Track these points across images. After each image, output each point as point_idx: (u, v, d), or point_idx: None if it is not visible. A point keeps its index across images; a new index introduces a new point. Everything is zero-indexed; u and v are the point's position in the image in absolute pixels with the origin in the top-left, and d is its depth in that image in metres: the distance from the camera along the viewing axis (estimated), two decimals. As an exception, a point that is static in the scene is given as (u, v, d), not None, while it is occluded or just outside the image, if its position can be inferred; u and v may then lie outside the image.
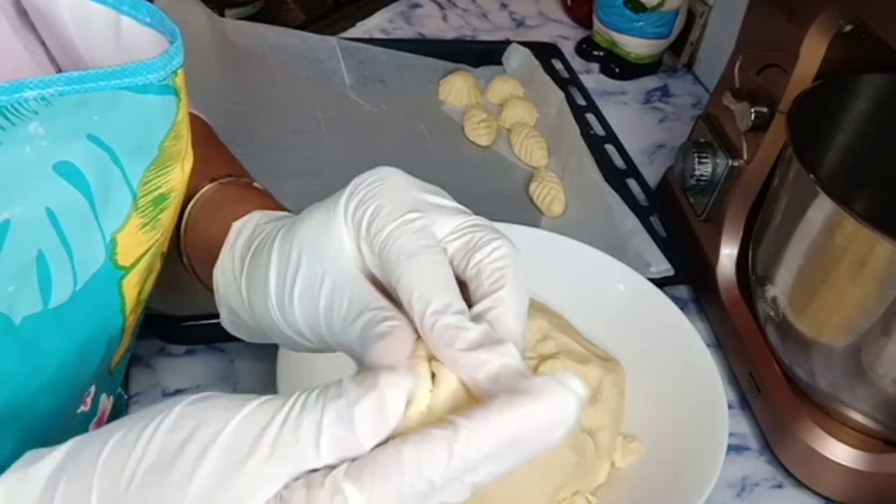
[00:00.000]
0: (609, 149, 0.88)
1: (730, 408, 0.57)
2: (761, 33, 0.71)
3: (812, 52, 0.64)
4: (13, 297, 0.33)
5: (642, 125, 0.98)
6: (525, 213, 0.81)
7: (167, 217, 0.40)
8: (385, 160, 0.91)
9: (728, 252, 0.73)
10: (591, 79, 1.04)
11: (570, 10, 1.15)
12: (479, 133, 0.88)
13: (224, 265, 0.42)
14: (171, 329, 0.62)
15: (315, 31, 0.95)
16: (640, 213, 0.79)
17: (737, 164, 0.71)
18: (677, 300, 0.64)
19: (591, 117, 0.91)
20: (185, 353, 0.64)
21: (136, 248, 0.38)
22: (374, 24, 1.06)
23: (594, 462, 0.53)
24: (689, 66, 1.07)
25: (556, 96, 0.90)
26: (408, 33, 1.06)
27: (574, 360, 0.56)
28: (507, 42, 1.00)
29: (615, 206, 0.78)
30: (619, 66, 1.04)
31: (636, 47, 1.02)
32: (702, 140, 0.75)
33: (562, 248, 0.64)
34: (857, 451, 0.60)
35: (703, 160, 0.73)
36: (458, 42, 1.06)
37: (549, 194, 0.81)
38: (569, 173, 0.83)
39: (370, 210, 0.34)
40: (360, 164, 0.97)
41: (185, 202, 0.46)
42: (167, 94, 0.35)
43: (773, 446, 0.65)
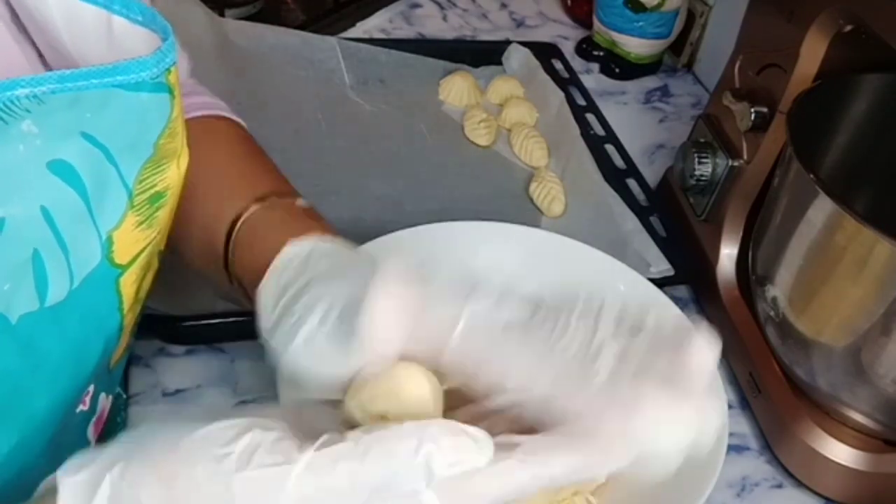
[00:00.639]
0: (609, 149, 0.88)
1: (730, 408, 0.57)
2: (761, 33, 0.71)
3: (812, 52, 0.64)
4: (9, 296, 0.33)
5: (642, 125, 0.98)
6: (525, 213, 0.81)
7: (164, 215, 0.40)
8: (385, 160, 0.91)
9: (728, 252, 0.73)
10: (591, 79, 1.04)
11: (570, 10, 1.15)
12: (479, 133, 0.88)
13: (267, 290, 0.43)
14: (171, 329, 0.62)
15: (315, 31, 0.95)
16: (640, 213, 0.79)
17: (737, 164, 0.71)
18: (677, 300, 0.64)
19: (591, 117, 0.91)
20: (185, 353, 0.64)
21: (133, 246, 0.38)
22: (374, 24, 1.06)
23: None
24: (689, 66, 1.07)
25: (556, 96, 0.90)
26: (408, 33, 1.06)
27: (574, 360, 0.56)
28: (507, 42, 1.00)
29: (615, 206, 0.78)
30: (619, 66, 1.04)
31: (636, 47, 1.02)
32: (702, 140, 0.75)
33: (562, 248, 0.64)
34: (857, 451, 0.60)
35: (703, 160, 0.73)
36: (458, 42, 1.06)
37: (549, 194, 0.81)
38: (569, 173, 0.83)
39: None
40: (360, 164, 0.97)
41: (232, 223, 0.47)
42: (161, 91, 0.35)
43: (773, 446, 0.65)
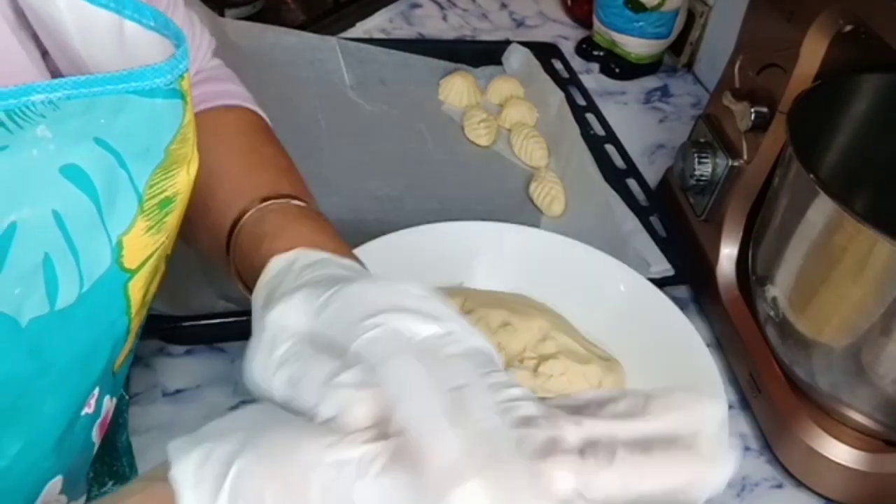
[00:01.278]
0: (609, 149, 0.88)
1: (730, 408, 0.57)
2: (761, 33, 0.71)
3: (812, 52, 0.64)
4: (20, 300, 0.33)
5: (642, 125, 0.98)
6: (525, 213, 0.81)
7: (173, 220, 0.40)
8: (385, 160, 0.91)
9: (728, 252, 0.73)
10: (591, 79, 1.04)
11: (570, 10, 1.15)
12: (479, 133, 0.88)
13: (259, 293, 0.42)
14: (171, 329, 0.62)
15: (315, 31, 0.95)
16: (640, 213, 0.79)
17: (737, 164, 0.71)
18: (677, 300, 0.64)
19: (591, 117, 0.91)
20: (185, 353, 0.64)
21: (142, 250, 0.38)
22: (374, 24, 1.06)
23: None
24: (689, 66, 1.07)
25: (556, 96, 0.90)
26: (408, 33, 1.06)
27: (574, 360, 0.56)
28: (507, 42, 1.00)
29: (615, 206, 0.78)
30: (619, 66, 1.04)
31: (636, 47, 1.02)
32: (702, 140, 0.75)
33: (562, 248, 0.64)
34: (857, 451, 0.60)
35: (703, 160, 0.73)
36: (458, 42, 1.06)
37: (549, 194, 0.81)
38: (569, 173, 0.83)
39: None
40: (360, 164, 0.97)
41: (232, 227, 0.46)
42: (174, 97, 0.36)
43: (773, 446, 0.65)
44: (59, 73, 0.38)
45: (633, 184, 0.84)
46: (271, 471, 0.30)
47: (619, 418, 0.32)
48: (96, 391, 0.41)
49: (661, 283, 0.66)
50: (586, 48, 1.07)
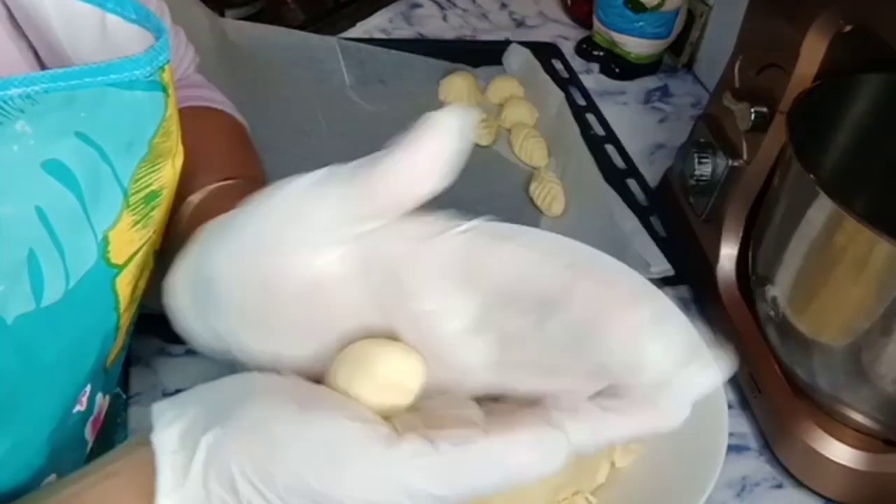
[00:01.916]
0: (609, 149, 0.88)
1: (730, 408, 0.57)
2: (761, 33, 0.71)
3: (812, 52, 0.64)
4: (5, 297, 0.33)
5: (642, 125, 0.98)
6: (525, 213, 0.81)
7: (159, 214, 0.39)
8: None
9: (728, 252, 0.73)
10: (591, 79, 1.04)
11: (570, 10, 1.15)
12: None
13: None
14: (171, 329, 0.62)
15: (315, 31, 0.95)
16: (640, 213, 0.79)
17: (737, 164, 0.71)
18: (677, 300, 0.64)
19: (591, 117, 0.91)
20: (185, 353, 0.64)
21: (129, 245, 0.38)
22: (374, 24, 1.06)
23: (594, 462, 0.53)
24: (689, 66, 1.07)
25: (556, 96, 0.90)
26: (408, 33, 1.06)
27: (574, 360, 0.56)
28: (507, 42, 1.00)
29: (615, 206, 0.78)
30: (619, 66, 1.04)
31: (636, 47, 1.02)
32: (702, 140, 0.75)
33: (562, 248, 0.64)
34: (857, 451, 0.60)
35: (703, 160, 0.73)
36: (458, 42, 1.06)
37: (549, 194, 0.81)
38: (569, 173, 0.83)
39: None
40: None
41: (189, 190, 0.46)
42: (155, 90, 0.35)
43: (773, 446, 0.65)
44: (49, 68, 0.38)
45: (633, 184, 0.84)
46: (241, 444, 0.31)
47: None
48: (88, 388, 0.41)
49: (661, 283, 0.66)
50: (586, 48, 1.07)
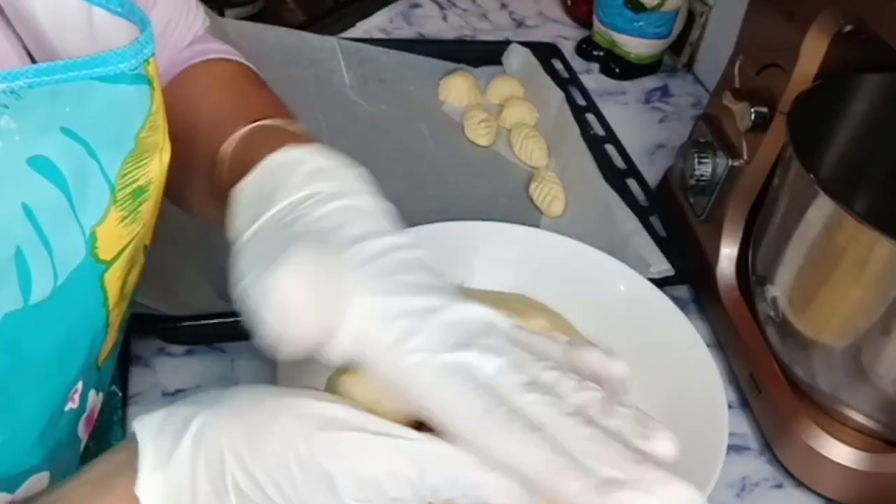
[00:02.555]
0: (609, 149, 0.88)
1: (730, 408, 0.57)
2: (761, 33, 0.71)
3: (812, 52, 0.64)
4: None
5: (642, 125, 0.98)
6: (525, 213, 0.81)
7: (147, 209, 0.39)
8: (385, 160, 0.91)
9: (728, 252, 0.73)
10: (591, 79, 1.04)
11: (570, 10, 1.15)
12: (479, 133, 0.88)
13: (248, 189, 0.39)
14: (171, 329, 0.62)
15: (315, 31, 0.95)
16: (640, 213, 0.79)
17: (737, 164, 0.71)
18: (677, 300, 0.64)
19: (591, 117, 0.91)
20: (185, 353, 0.64)
21: (117, 241, 0.38)
22: (374, 24, 1.06)
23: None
24: (689, 66, 1.07)
25: (556, 96, 0.90)
26: (408, 33, 1.06)
27: (574, 360, 0.56)
28: (507, 42, 1.00)
29: (615, 206, 0.78)
30: (619, 66, 1.04)
31: (636, 47, 1.02)
32: (702, 140, 0.75)
33: (562, 248, 0.64)
34: (857, 451, 0.60)
35: (703, 160, 0.73)
36: (458, 42, 1.06)
37: (549, 194, 0.81)
38: (569, 173, 0.83)
39: None
40: (360, 164, 0.96)
41: (218, 145, 0.44)
42: (140, 83, 0.35)
43: (773, 446, 0.65)
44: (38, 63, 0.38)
45: (633, 184, 0.84)
46: (233, 421, 0.30)
47: None
48: (79, 386, 0.41)
49: (661, 283, 0.66)
50: (586, 48, 1.07)
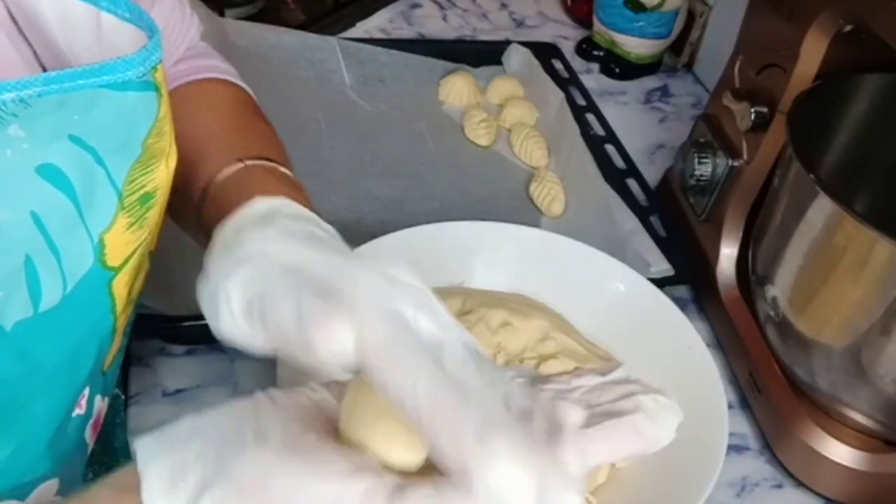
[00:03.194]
0: (609, 149, 0.88)
1: (730, 408, 0.57)
2: (761, 33, 0.71)
3: (812, 52, 0.64)
4: (3, 304, 0.33)
5: (642, 125, 0.98)
6: (525, 213, 0.81)
7: (154, 215, 0.39)
8: (385, 160, 0.91)
9: (728, 252, 0.73)
10: (591, 79, 1.04)
11: (570, 10, 1.15)
12: (479, 133, 0.88)
13: (223, 231, 0.39)
14: (171, 329, 0.62)
15: (315, 31, 0.95)
16: (640, 213, 0.79)
17: (737, 164, 0.71)
18: (677, 300, 0.64)
19: (591, 117, 0.91)
20: (185, 353, 0.64)
21: (125, 247, 0.38)
22: (374, 24, 1.06)
23: (594, 462, 0.53)
24: (689, 66, 1.07)
25: (556, 96, 0.90)
26: (408, 33, 1.06)
27: (574, 360, 0.56)
28: (507, 42, 1.00)
29: (615, 206, 0.78)
30: (619, 66, 1.04)
31: (636, 47, 1.02)
32: (702, 140, 0.75)
33: (562, 248, 0.64)
34: (857, 451, 0.60)
35: (703, 160, 0.73)
36: (458, 42, 1.07)
37: (549, 194, 0.81)
38: (569, 173, 0.83)
39: None
40: (360, 164, 0.97)
41: (208, 178, 0.45)
42: (148, 90, 0.35)
43: (773, 446, 0.65)
44: (48, 70, 0.38)
45: (633, 184, 0.84)
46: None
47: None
48: (86, 391, 0.41)
49: (661, 283, 0.66)
50: (586, 48, 1.07)
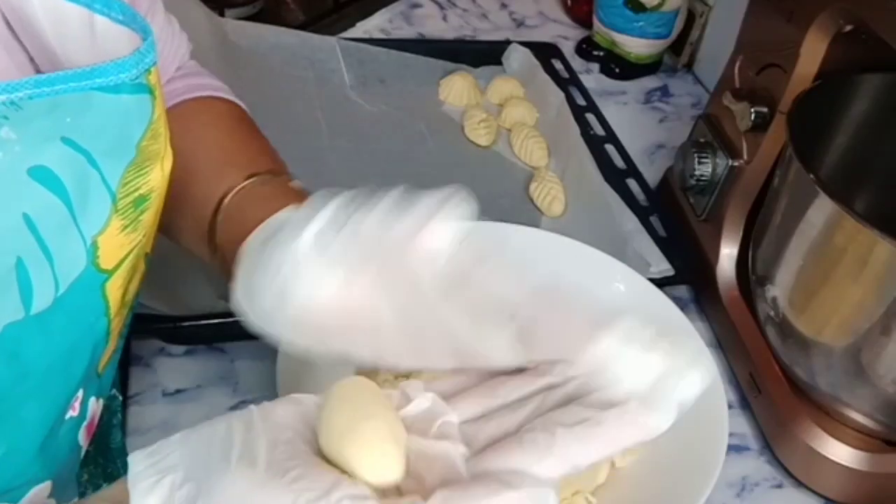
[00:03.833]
0: (609, 149, 0.88)
1: (730, 408, 0.57)
2: (761, 33, 0.71)
3: (812, 52, 0.64)
4: None
5: (642, 125, 0.98)
6: (525, 213, 0.81)
7: (149, 218, 0.39)
8: (385, 160, 0.91)
9: (728, 252, 0.73)
10: (591, 79, 1.04)
11: (570, 10, 1.15)
12: (479, 133, 0.88)
13: (251, 245, 0.41)
14: (171, 329, 0.62)
15: (315, 31, 0.95)
16: (640, 213, 0.79)
17: (737, 164, 0.71)
18: (677, 300, 0.64)
19: (591, 117, 0.91)
20: (185, 353, 0.64)
21: (118, 250, 0.38)
22: (374, 24, 1.06)
23: (594, 462, 0.53)
24: (689, 66, 1.07)
25: (556, 96, 0.90)
26: (408, 33, 1.06)
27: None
28: (507, 42, 1.00)
29: (615, 206, 0.78)
30: (619, 66, 1.04)
31: (636, 47, 1.02)
32: (702, 140, 0.75)
33: (562, 248, 0.64)
34: (857, 451, 0.60)
35: (703, 160, 0.73)
36: (458, 42, 1.06)
37: (549, 194, 0.81)
38: (569, 173, 0.83)
39: None
40: (360, 164, 0.97)
41: (223, 195, 0.46)
42: (141, 92, 0.35)
43: (773, 446, 0.65)
44: (41, 73, 0.37)
45: (633, 184, 0.84)
46: None
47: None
48: (80, 394, 0.40)
49: (661, 283, 0.66)
50: (586, 48, 1.07)
